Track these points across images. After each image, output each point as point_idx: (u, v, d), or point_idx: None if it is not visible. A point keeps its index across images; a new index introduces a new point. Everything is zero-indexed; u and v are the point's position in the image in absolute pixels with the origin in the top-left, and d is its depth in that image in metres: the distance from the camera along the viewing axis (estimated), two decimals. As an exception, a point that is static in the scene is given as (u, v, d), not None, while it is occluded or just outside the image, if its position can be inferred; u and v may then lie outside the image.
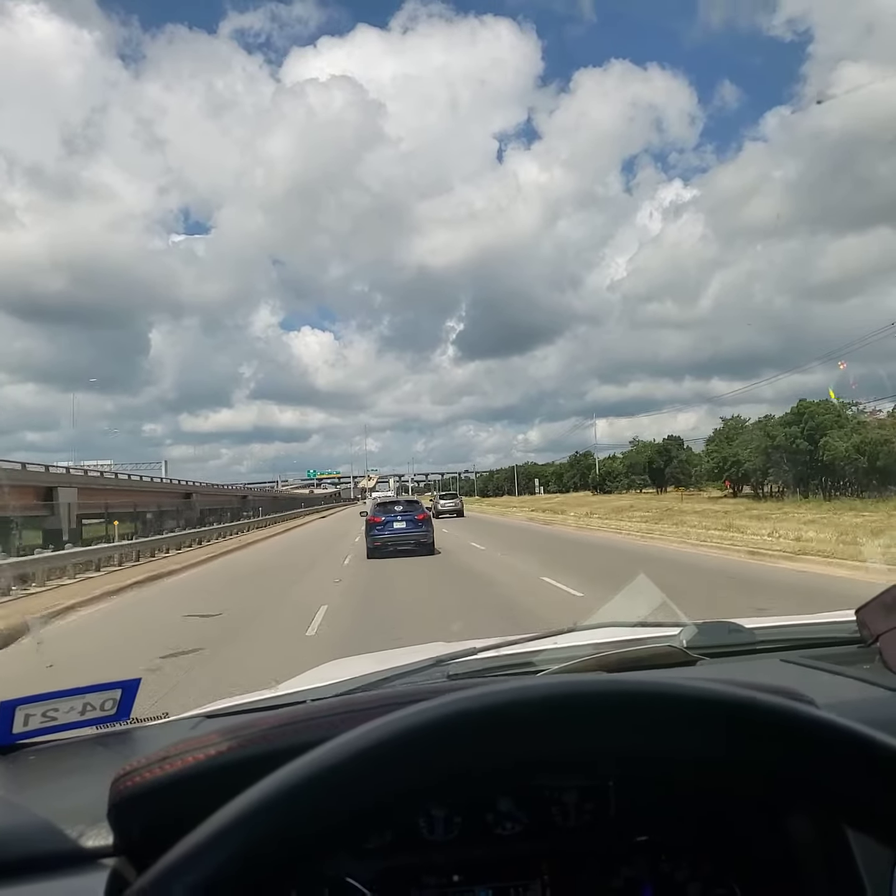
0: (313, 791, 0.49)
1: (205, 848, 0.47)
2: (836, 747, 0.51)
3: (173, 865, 0.46)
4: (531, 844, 0.92)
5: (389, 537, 17.78)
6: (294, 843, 0.49)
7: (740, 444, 48.63)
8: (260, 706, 1.29)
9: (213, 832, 0.47)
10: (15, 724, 1.09)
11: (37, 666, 6.25)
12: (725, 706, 0.53)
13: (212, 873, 0.46)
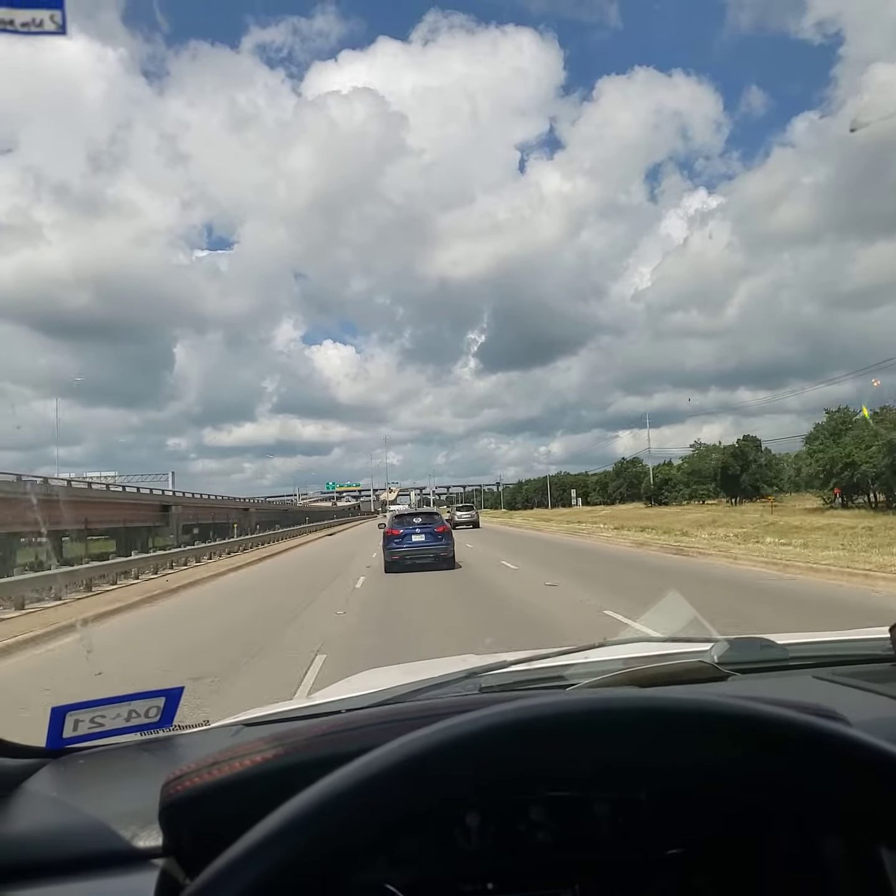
0: (357, 800, 0.50)
1: (253, 854, 0.48)
2: (868, 766, 0.51)
3: (222, 871, 0.48)
4: (563, 854, 0.94)
5: (408, 551, 17.15)
6: (337, 851, 0.50)
7: (853, 442, 38.24)
8: (297, 715, 1.32)
9: (260, 839, 0.49)
10: (65, 729, 1.14)
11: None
12: (755, 723, 0.53)
13: (258, 880, 0.47)
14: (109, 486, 44.04)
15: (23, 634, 10.32)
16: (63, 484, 33.53)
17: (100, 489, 39.51)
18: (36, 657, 9.26)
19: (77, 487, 34.94)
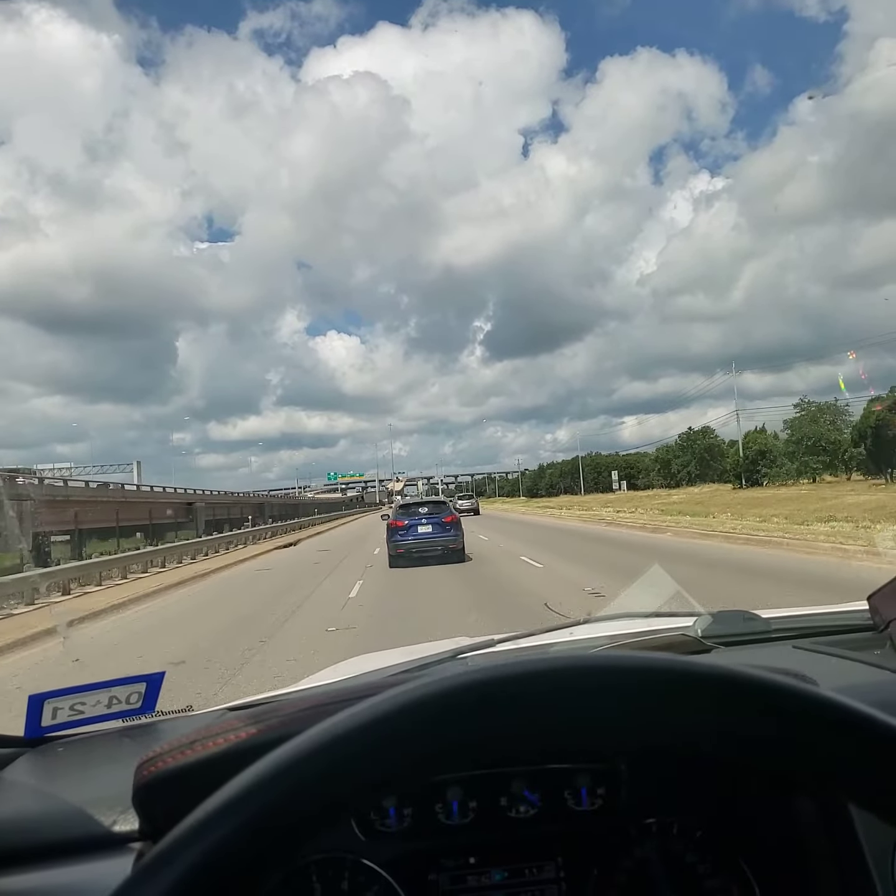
0: (319, 762, 0.49)
1: (213, 819, 0.48)
2: (836, 725, 0.52)
3: (178, 840, 0.48)
4: (545, 827, 0.96)
5: (414, 543, 16.12)
6: (301, 815, 0.49)
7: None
8: (283, 700, 1.34)
9: (219, 804, 0.48)
10: (44, 717, 1.13)
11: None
12: (712, 679, 0.54)
13: (220, 844, 0.47)
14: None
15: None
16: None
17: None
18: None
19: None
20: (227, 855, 0.47)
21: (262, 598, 13.12)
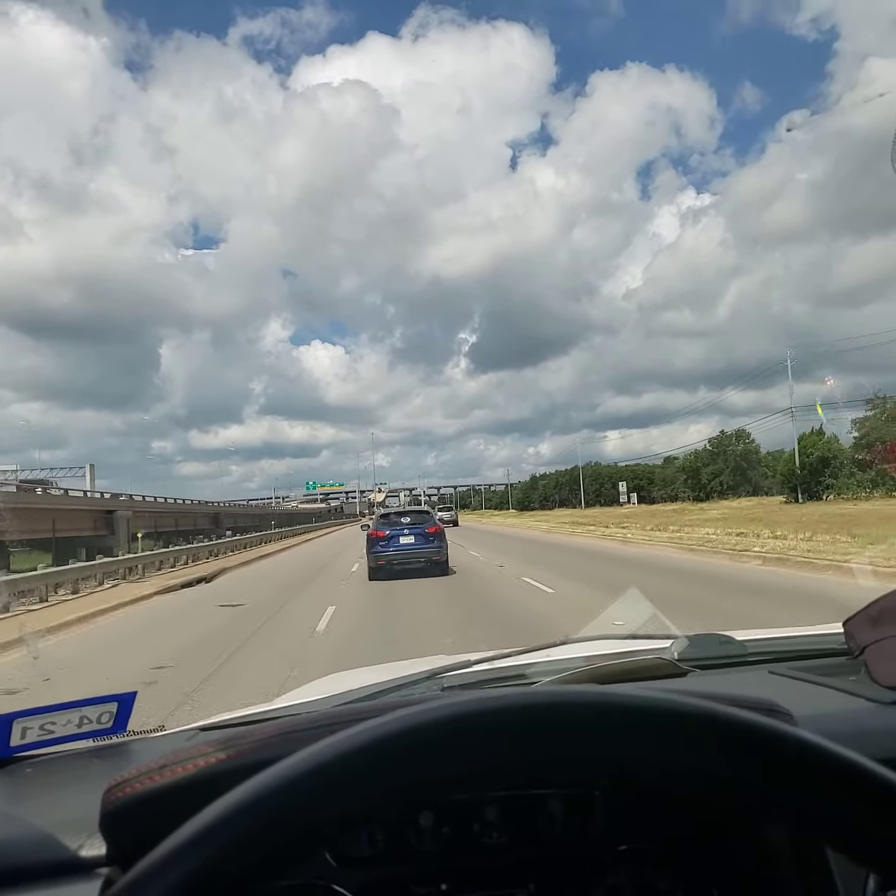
0: (289, 796, 0.49)
1: (183, 850, 0.47)
2: (803, 763, 0.53)
3: (149, 869, 0.47)
4: (517, 853, 0.95)
5: (395, 555, 15.48)
6: (271, 847, 0.49)
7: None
8: (255, 719, 1.32)
9: (190, 835, 0.48)
10: (12, 737, 1.11)
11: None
12: (696, 720, 0.54)
13: (188, 876, 0.47)
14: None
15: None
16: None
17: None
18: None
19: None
20: (200, 884, 0.46)
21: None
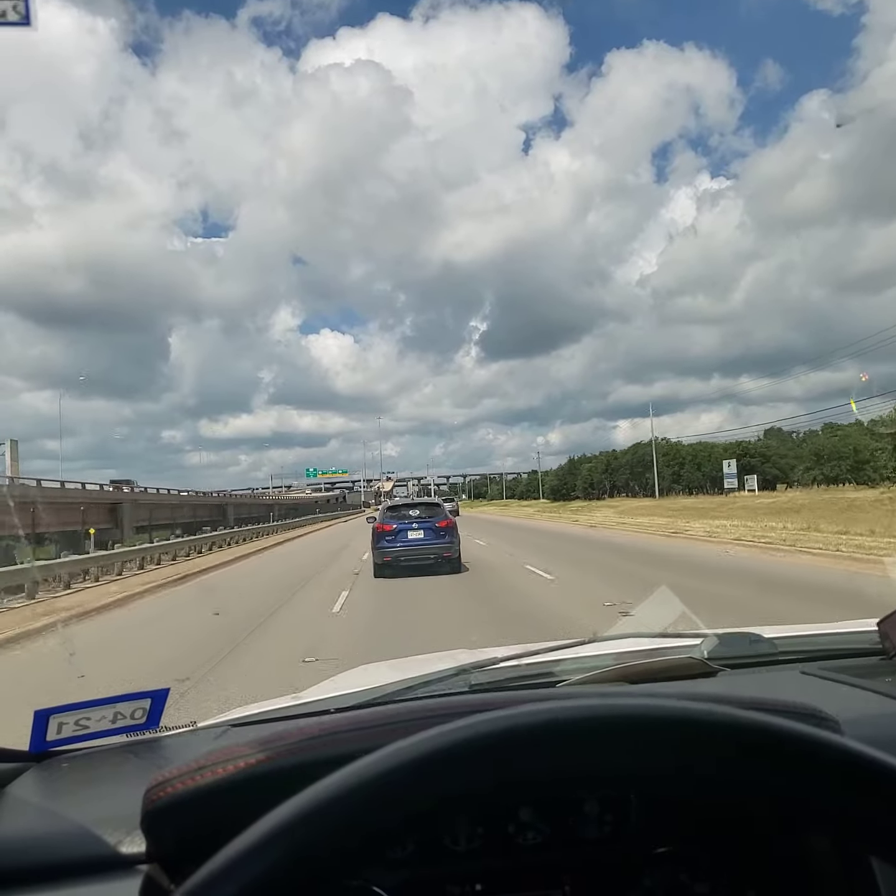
0: (347, 807, 0.51)
1: (244, 859, 0.49)
2: (852, 772, 0.53)
3: (212, 876, 0.49)
4: (552, 855, 0.96)
5: (403, 550, 14.69)
6: (326, 856, 0.52)
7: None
8: (286, 714, 1.34)
9: (252, 844, 0.50)
10: (49, 731, 1.14)
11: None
12: (741, 731, 0.55)
13: (249, 884, 0.49)
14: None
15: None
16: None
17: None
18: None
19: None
20: (262, 888, 0.48)
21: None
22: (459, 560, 15.13)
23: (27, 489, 34.36)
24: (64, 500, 36.12)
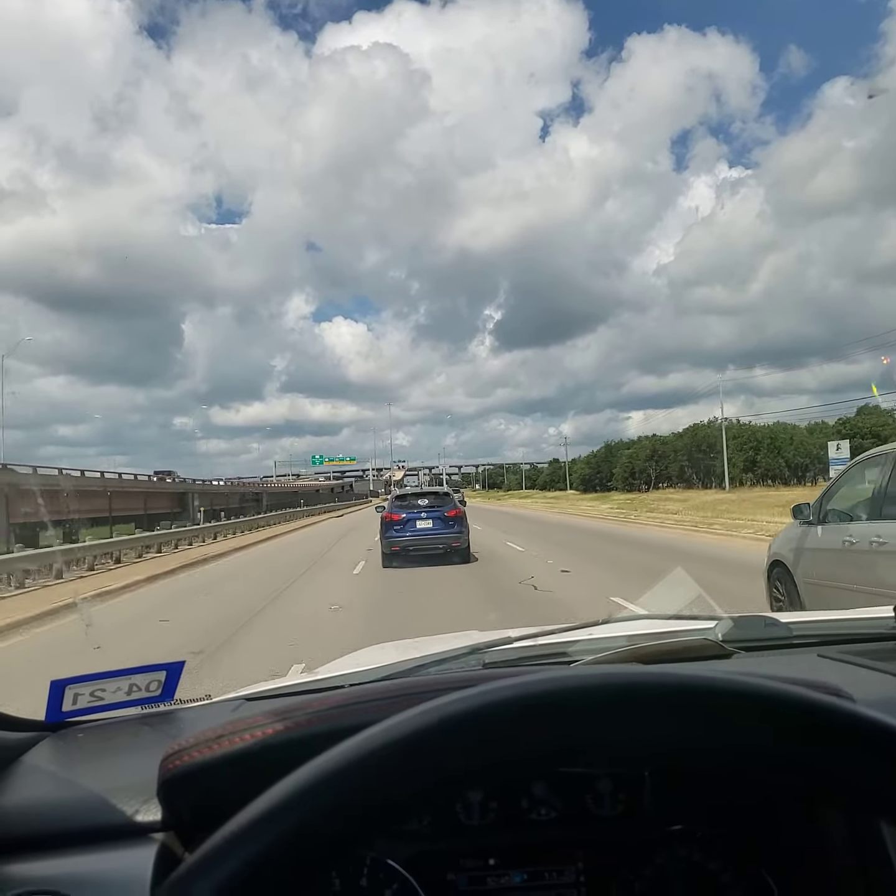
0: (357, 775, 0.52)
1: (252, 830, 0.49)
2: (872, 742, 0.53)
3: (222, 844, 0.49)
4: (566, 831, 0.97)
5: (411, 540, 14.70)
6: (337, 827, 0.52)
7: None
8: (300, 690, 1.36)
9: (260, 814, 0.50)
10: (64, 702, 1.15)
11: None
12: (763, 699, 0.55)
13: (257, 855, 0.49)
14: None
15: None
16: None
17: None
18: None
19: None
20: (270, 859, 0.49)
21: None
22: (468, 550, 15.18)
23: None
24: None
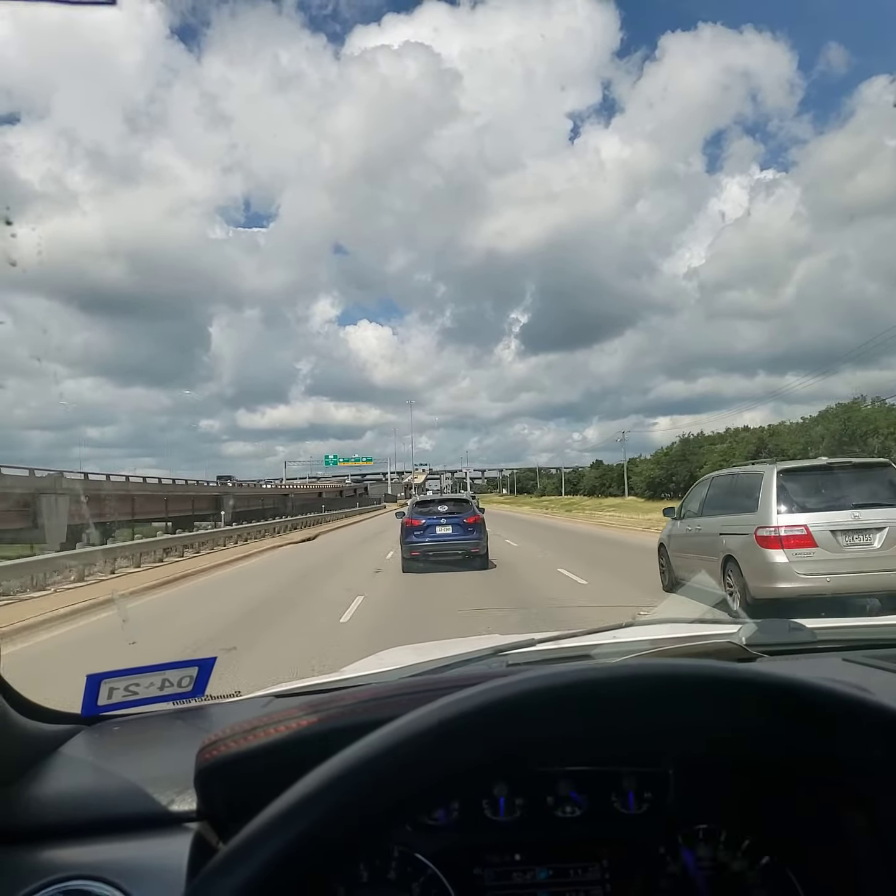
0: (383, 767, 0.53)
1: (283, 820, 0.51)
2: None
3: (255, 835, 0.51)
4: (590, 828, 0.98)
5: (431, 545, 14.97)
6: (364, 820, 0.53)
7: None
8: (329, 688, 1.37)
9: (291, 804, 0.52)
10: (100, 696, 1.19)
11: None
12: (790, 692, 0.56)
13: (290, 843, 0.50)
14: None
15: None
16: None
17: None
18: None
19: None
20: (305, 848, 0.51)
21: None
22: (487, 556, 15.42)
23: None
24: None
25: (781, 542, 7.61)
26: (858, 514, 7.66)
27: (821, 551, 7.56)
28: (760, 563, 7.72)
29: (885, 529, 7.59)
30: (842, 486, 7.97)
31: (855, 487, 7.96)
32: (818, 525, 7.62)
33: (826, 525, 7.62)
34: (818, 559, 7.53)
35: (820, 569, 7.52)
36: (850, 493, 7.88)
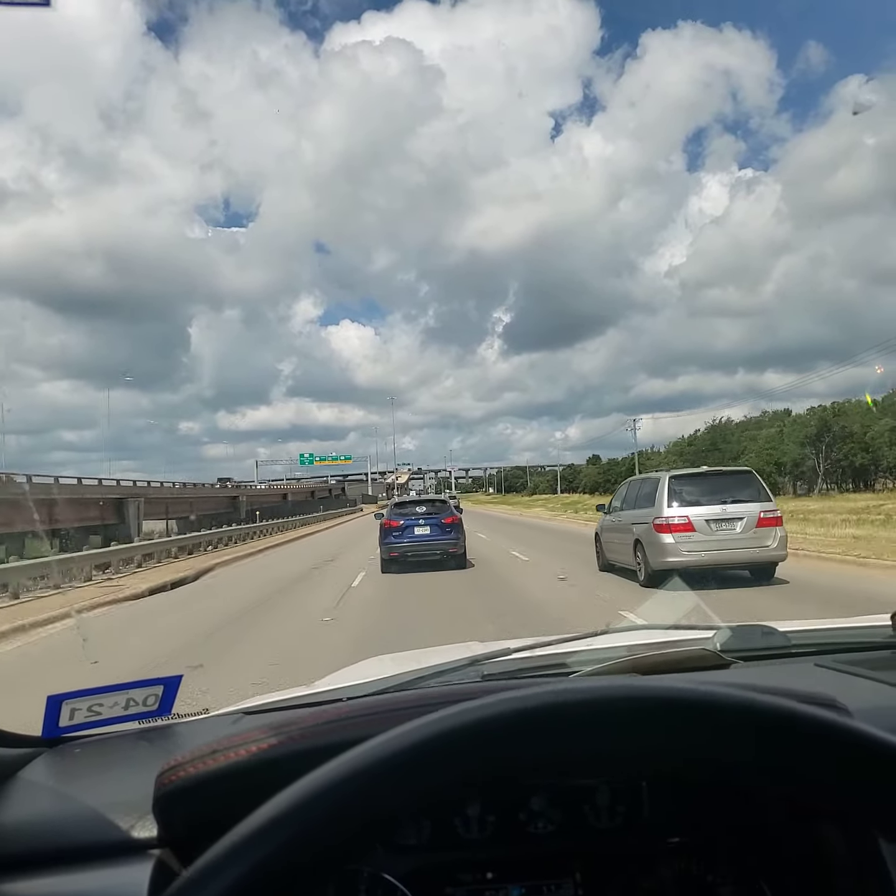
0: (354, 789, 0.52)
1: (245, 845, 0.50)
2: (868, 757, 0.54)
3: (214, 862, 0.50)
4: (564, 844, 0.96)
5: (409, 546, 15.43)
6: (334, 841, 0.52)
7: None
8: (298, 703, 1.36)
9: (254, 829, 0.51)
10: (61, 717, 1.15)
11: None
12: (753, 713, 0.56)
13: (252, 870, 0.49)
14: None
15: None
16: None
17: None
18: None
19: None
20: (267, 874, 0.50)
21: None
22: (465, 556, 15.84)
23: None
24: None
25: (671, 528, 10.72)
26: (726, 508, 10.79)
27: (698, 535, 10.64)
28: (656, 543, 10.81)
29: (744, 518, 10.74)
30: (715, 487, 11.19)
31: (725, 489, 11.16)
32: (697, 516, 10.74)
33: (702, 516, 10.73)
34: (696, 540, 10.61)
35: (698, 547, 10.59)
36: (722, 492, 11.05)
